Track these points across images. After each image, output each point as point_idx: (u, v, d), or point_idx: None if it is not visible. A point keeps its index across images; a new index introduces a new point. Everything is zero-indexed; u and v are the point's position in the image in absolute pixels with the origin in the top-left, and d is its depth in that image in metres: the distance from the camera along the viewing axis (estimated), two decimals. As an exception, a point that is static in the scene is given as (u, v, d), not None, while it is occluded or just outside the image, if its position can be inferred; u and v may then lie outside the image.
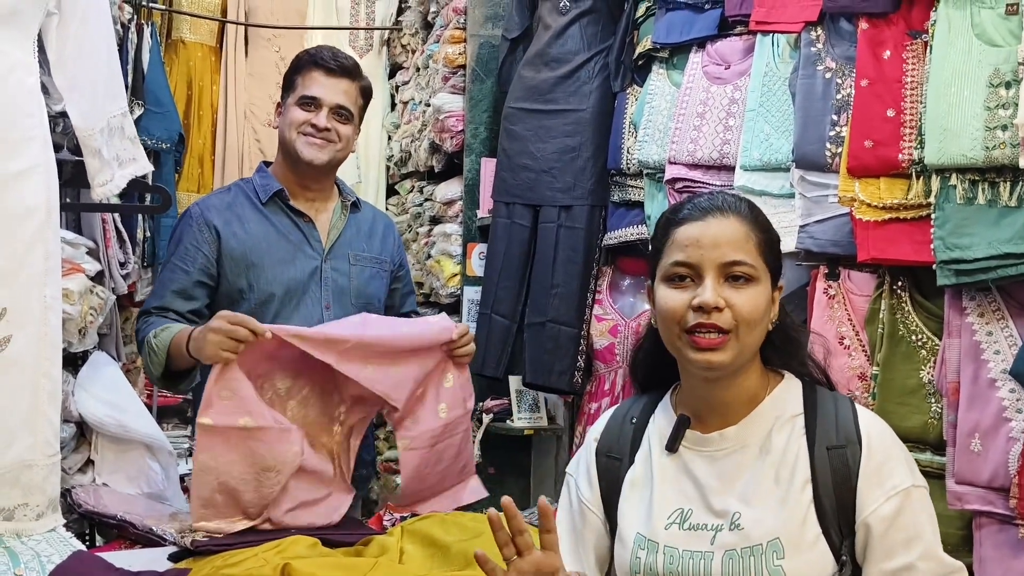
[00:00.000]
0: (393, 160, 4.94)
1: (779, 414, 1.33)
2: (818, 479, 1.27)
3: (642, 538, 1.33)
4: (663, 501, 1.33)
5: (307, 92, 2.30)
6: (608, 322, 3.08)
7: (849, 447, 1.28)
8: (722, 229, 1.30)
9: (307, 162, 2.29)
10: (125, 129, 2.17)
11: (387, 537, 1.91)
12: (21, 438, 1.83)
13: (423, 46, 4.51)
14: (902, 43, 2.08)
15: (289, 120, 2.31)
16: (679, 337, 1.29)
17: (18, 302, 1.82)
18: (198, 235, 2.25)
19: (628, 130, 2.96)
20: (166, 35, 4.87)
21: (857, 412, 1.32)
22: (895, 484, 1.26)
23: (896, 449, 1.30)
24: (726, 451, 1.33)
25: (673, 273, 1.31)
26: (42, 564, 1.72)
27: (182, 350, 2.05)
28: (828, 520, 1.26)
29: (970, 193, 1.87)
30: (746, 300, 1.27)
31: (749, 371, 1.33)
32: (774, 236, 1.35)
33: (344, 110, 2.33)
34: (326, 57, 2.34)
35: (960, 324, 1.91)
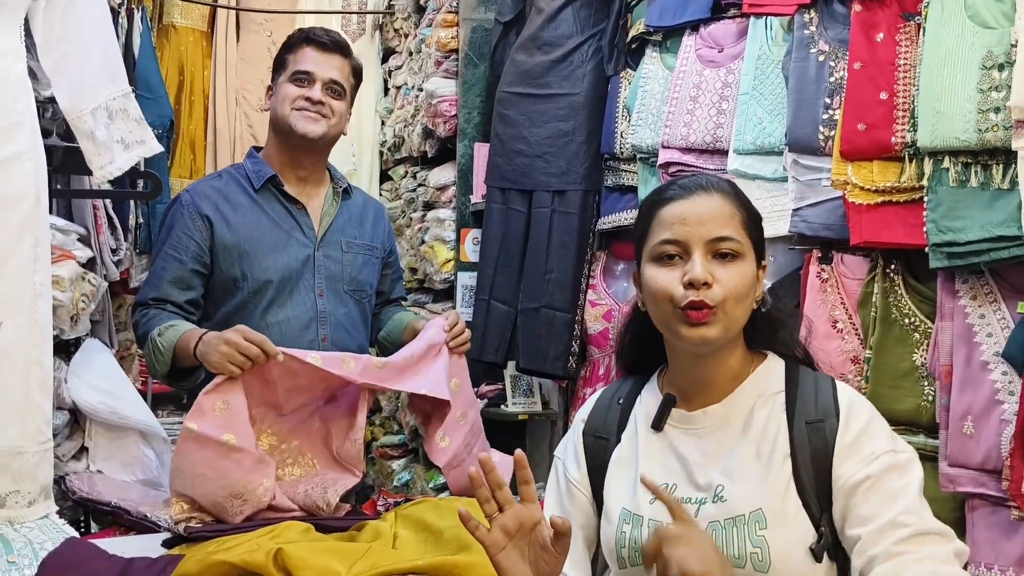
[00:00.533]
0: (386, 145, 4.92)
1: (761, 391, 1.35)
2: (797, 454, 1.28)
3: (627, 512, 1.35)
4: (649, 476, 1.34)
5: (300, 67, 2.30)
6: (602, 307, 3.07)
7: (827, 421, 1.29)
8: (708, 206, 1.32)
9: (301, 135, 2.27)
10: (129, 111, 2.15)
11: (380, 522, 1.91)
12: (11, 425, 1.84)
13: (416, 30, 4.48)
14: (895, 25, 2.07)
15: (282, 96, 2.29)
16: (672, 314, 1.30)
17: (7, 290, 1.82)
18: (190, 224, 2.24)
19: (621, 114, 2.95)
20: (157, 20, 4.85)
21: (837, 388, 1.34)
22: (873, 451, 1.26)
23: (875, 422, 1.31)
24: (710, 428, 1.35)
25: (661, 252, 1.32)
26: (35, 551, 1.72)
27: (189, 351, 2.04)
28: (807, 493, 1.27)
29: (963, 176, 1.86)
30: (733, 275, 1.29)
31: (733, 350, 1.35)
32: (756, 214, 1.37)
33: (337, 85, 2.32)
34: (318, 33, 2.34)
35: (953, 307, 1.91)
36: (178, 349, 2.09)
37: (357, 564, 1.62)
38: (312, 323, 2.26)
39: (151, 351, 2.13)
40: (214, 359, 1.93)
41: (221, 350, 1.92)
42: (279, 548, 1.62)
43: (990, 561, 1.82)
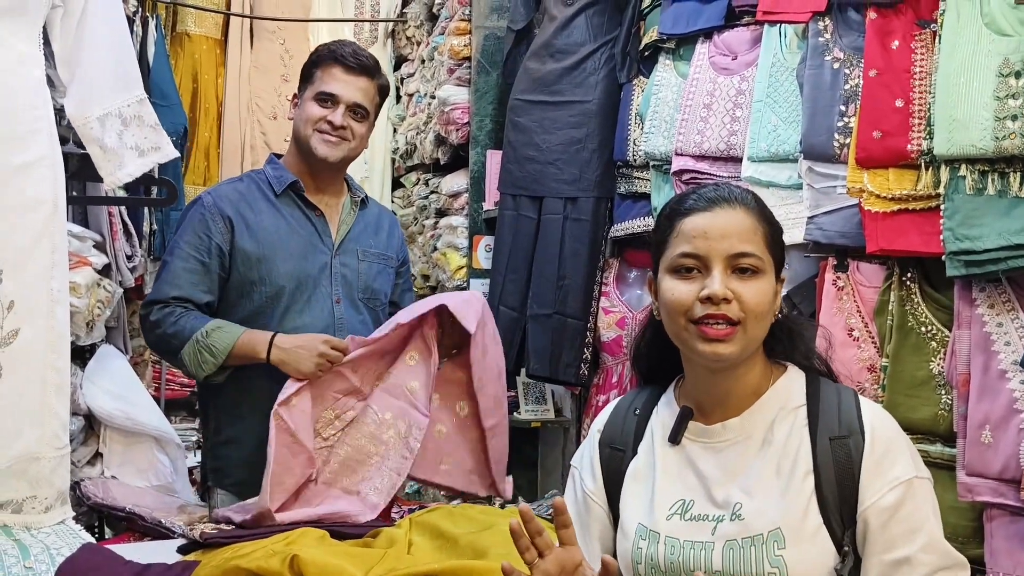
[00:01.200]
0: (398, 153, 4.93)
1: (782, 405, 1.33)
2: (820, 470, 1.26)
3: (644, 528, 1.33)
4: (665, 492, 1.34)
5: (325, 88, 2.29)
6: (615, 314, 3.07)
7: (852, 438, 1.27)
8: (730, 220, 1.29)
9: (321, 159, 2.29)
10: (144, 117, 2.16)
11: (395, 529, 1.91)
12: (28, 431, 1.84)
13: (428, 38, 4.50)
14: (911, 33, 2.06)
15: (306, 116, 2.30)
16: (686, 328, 1.29)
17: (25, 295, 1.83)
18: (211, 225, 2.24)
19: (634, 121, 2.94)
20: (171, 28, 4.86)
21: (860, 403, 1.32)
22: (897, 475, 1.25)
23: (899, 440, 1.29)
24: (728, 442, 1.32)
25: (680, 265, 1.30)
26: (51, 556, 1.73)
27: (253, 355, 2.15)
28: (830, 511, 1.25)
29: (980, 184, 1.85)
30: (753, 292, 1.27)
31: (752, 363, 1.33)
32: (778, 228, 1.35)
33: (361, 108, 2.32)
34: (346, 54, 2.32)
35: (970, 315, 1.90)
36: (236, 350, 2.16)
37: (373, 569, 1.62)
38: (329, 330, 2.26)
39: (197, 351, 2.15)
40: (306, 368, 2.10)
41: (315, 361, 2.11)
42: (294, 555, 1.62)
43: (1008, 571, 1.81)
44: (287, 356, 2.12)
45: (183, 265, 2.23)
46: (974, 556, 1.88)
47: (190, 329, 2.16)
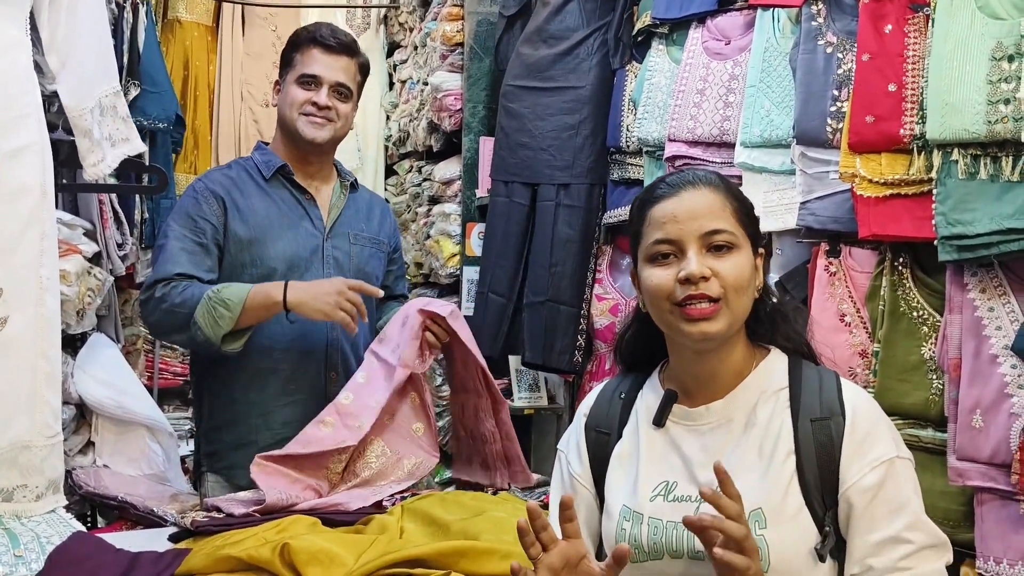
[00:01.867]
0: (391, 140, 4.91)
1: (764, 388, 1.34)
2: (801, 451, 1.28)
3: (628, 510, 1.34)
4: (649, 474, 1.35)
5: (307, 70, 2.30)
6: (608, 301, 3.07)
7: (833, 419, 1.29)
8: (697, 200, 1.31)
9: (308, 140, 2.29)
10: (118, 108, 2.15)
11: (387, 516, 1.91)
12: (18, 419, 1.84)
13: (420, 24, 4.48)
14: (904, 17, 2.06)
15: (290, 100, 2.30)
16: (671, 312, 1.30)
17: (14, 283, 1.82)
18: (206, 208, 2.24)
19: (627, 107, 2.93)
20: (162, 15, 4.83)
21: (841, 385, 1.33)
22: (878, 455, 1.26)
23: (880, 421, 1.30)
24: (712, 425, 1.34)
25: (655, 252, 1.32)
26: (41, 545, 1.72)
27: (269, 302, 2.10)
28: (811, 491, 1.26)
29: (972, 168, 1.85)
30: (731, 267, 1.29)
31: (736, 344, 1.34)
32: (748, 203, 1.36)
33: (344, 87, 2.32)
34: (325, 34, 2.32)
35: (962, 300, 1.90)
36: (251, 300, 2.11)
37: (364, 554, 1.61)
38: None
39: (211, 307, 2.10)
40: (325, 305, 2.07)
41: (334, 299, 2.07)
42: (285, 543, 1.62)
43: (999, 555, 1.81)
44: (305, 295, 2.09)
45: (180, 245, 2.21)
46: (965, 540, 1.89)
47: (199, 293, 2.12)
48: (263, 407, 2.25)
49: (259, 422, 2.26)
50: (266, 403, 2.26)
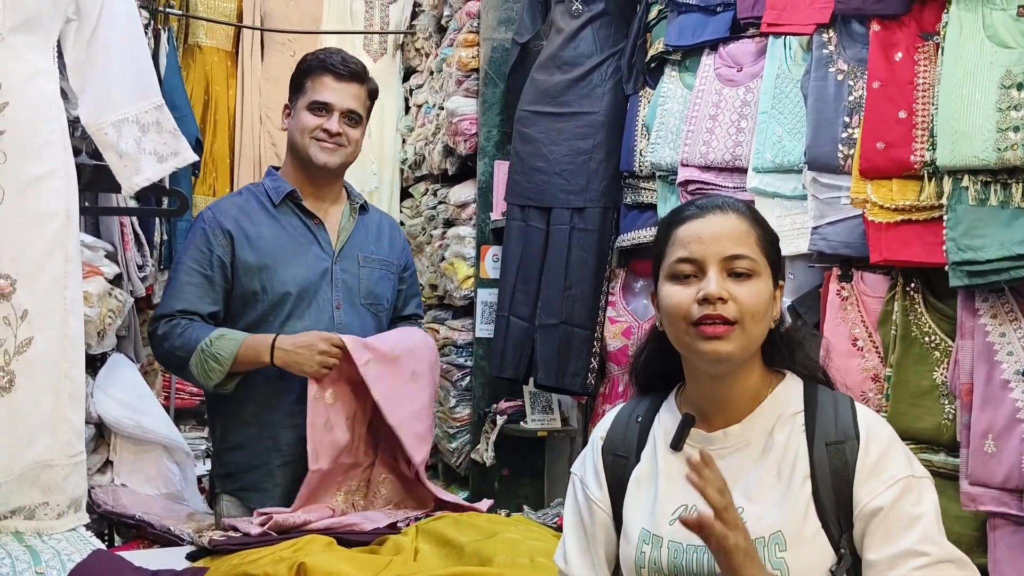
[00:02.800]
0: (407, 163, 4.96)
1: (781, 412, 1.35)
2: (817, 474, 1.28)
3: (647, 533, 1.35)
4: (668, 497, 1.35)
5: (318, 97, 2.34)
6: (621, 324, 3.08)
7: (847, 443, 1.30)
8: (723, 225, 1.33)
9: (320, 166, 2.34)
10: (162, 123, 2.18)
11: (402, 537, 1.93)
12: (41, 439, 1.86)
13: (437, 50, 4.53)
14: (914, 45, 2.08)
15: (301, 126, 2.35)
16: (686, 332, 1.31)
17: (39, 305, 1.85)
18: (212, 239, 2.28)
19: (640, 132, 2.96)
20: (183, 40, 4.91)
21: (856, 409, 1.34)
22: (893, 474, 1.27)
23: (895, 444, 1.31)
24: (730, 449, 1.35)
25: (677, 271, 1.33)
26: (62, 562, 1.75)
27: (258, 359, 2.21)
28: (827, 514, 1.27)
29: (982, 194, 1.86)
30: (749, 293, 1.30)
31: (752, 369, 1.35)
32: (773, 234, 1.38)
33: (354, 114, 2.37)
34: (336, 62, 2.37)
35: (973, 325, 1.91)
36: (241, 356, 2.20)
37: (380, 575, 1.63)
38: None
39: (203, 360, 2.20)
40: (309, 368, 2.18)
41: (316, 359, 2.18)
42: (301, 562, 1.64)
43: (1012, 580, 1.81)
44: (289, 357, 2.19)
45: (187, 279, 2.28)
46: (977, 565, 1.88)
47: (195, 340, 2.21)
48: (272, 430, 2.29)
49: (269, 444, 2.29)
50: (275, 425, 2.29)
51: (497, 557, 1.75)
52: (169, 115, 2.24)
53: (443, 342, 4.00)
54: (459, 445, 3.85)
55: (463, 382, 3.86)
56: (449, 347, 3.95)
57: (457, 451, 3.85)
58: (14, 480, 1.82)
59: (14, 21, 1.84)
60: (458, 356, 3.89)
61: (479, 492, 3.61)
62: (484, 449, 3.55)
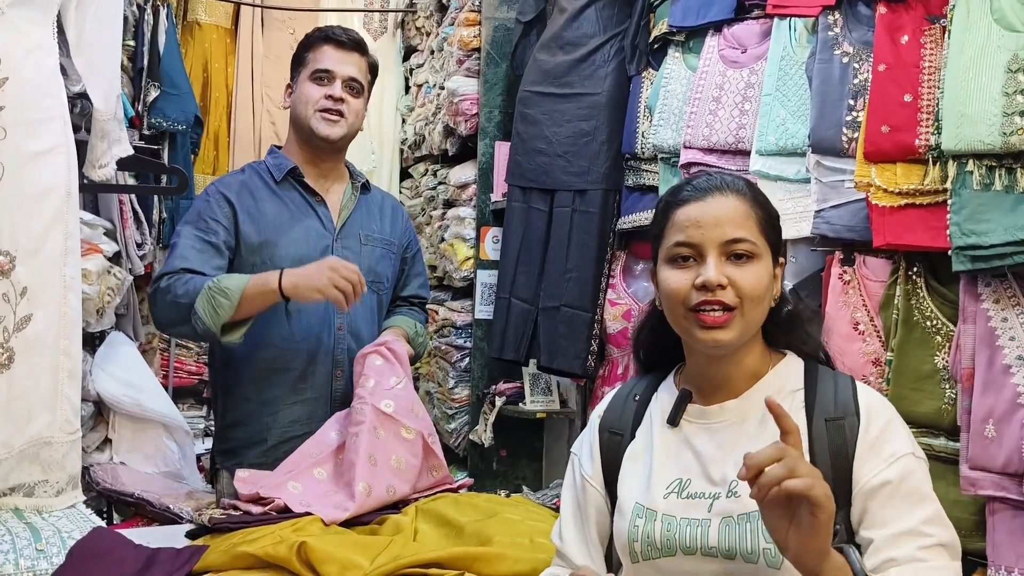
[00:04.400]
0: (407, 143, 4.94)
1: (779, 388, 1.35)
2: (815, 450, 1.28)
3: (640, 507, 1.34)
4: (662, 471, 1.36)
5: (320, 65, 2.36)
6: (622, 306, 3.08)
7: (847, 419, 1.29)
8: (722, 207, 1.32)
9: (323, 138, 2.34)
10: (117, 111, 2.19)
11: (401, 517, 1.93)
12: (40, 416, 1.86)
13: (438, 28, 4.50)
14: (920, 28, 2.06)
15: (304, 97, 2.35)
16: (684, 316, 1.31)
17: (38, 281, 1.84)
18: (217, 210, 2.28)
19: (643, 114, 2.95)
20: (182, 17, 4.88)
21: (857, 387, 1.34)
22: (893, 451, 1.27)
23: (895, 422, 1.31)
24: (726, 423, 1.35)
25: (675, 254, 1.33)
26: (63, 540, 1.75)
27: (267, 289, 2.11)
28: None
29: (987, 179, 1.85)
30: (748, 277, 1.29)
31: (751, 348, 1.35)
32: (773, 213, 1.37)
33: (356, 82, 2.38)
34: (337, 32, 2.41)
35: (975, 310, 1.91)
36: (249, 290, 2.12)
37: (379, 556, 1.63)
38: (330, 311, 2.31)
39: (210, 297, 2.11)
40: (320, 282, 2.07)
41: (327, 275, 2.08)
42: (303, 541, 1.64)
43: (1011, 564, 1.81)
44: (298, 278, 2.11)
45: (189, 243, 2.24)
46: (976, 550, 1.90)
47: (200, 284, 2.15)
48: (274, 406, 2.29)
49: (269, 420, 2.29)
50: (276, 401, 2.29)
51: (496, 537, 1.75)
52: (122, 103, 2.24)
53: (442, 323, 4.00)
54: (458, 426, 3.86)
55: (462, 363, 3.87)
56: (448, 328, 3.95)
57: (456, 432, 3.86)
58: (14, 457, 1.82)
59: (13, -5, 1.82)
60: (457, 337, 3.89)
61: (477, 472, 3.62)
62: (483, 430, 3.56)
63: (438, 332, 4.04)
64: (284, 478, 2.05)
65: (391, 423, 2.11)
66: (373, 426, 2.08)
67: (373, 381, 2.16)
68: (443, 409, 3.90)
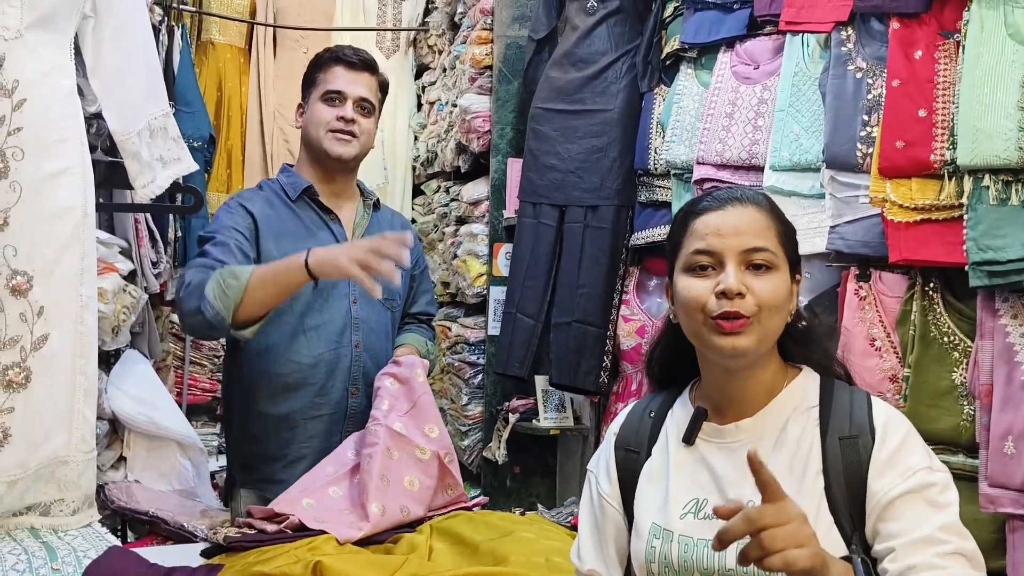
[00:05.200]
0: (419, 160, 4.96)
1: (796, 406, 1.33)
2: (829, 470, 1.27)
3: (657, 527, 1.33)
4: (679, 492, 1.34)
5: (331, 87, 2.37)
6: (635, 322, 3.07)
7: (861, 437, 1.27)
8: (742, 217, 1.31)
9: (335, 157, 2.35)
10: (168, 129, 2.19)
11: (416, 535, 1.92)
12: (57, 435, 1.87)
13: (450, 47, 4.52)
14: (934, 43, 2.06)
15: (316, 119, 2.36)
16: (703, 324, 1.29)
17: (55, 301, 1.85)
18: (240, 220, 2.29)
19: (655, 130, 2.95)
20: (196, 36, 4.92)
21: (872, 404, 1.32)
22: (911, 465, 1.24)
23: (911, 437, 1.28)
24: (742, 442, 1.32)
25: (694, 262, 1.32)
26: (78, 559, 1.75)
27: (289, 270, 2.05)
28: (839, 510, 1.25)
29: (1003, 194, 1.85)
30: (767, 286, 1.28)
31: (768, 363, 1.34)
32: (791, 228, 1.36)
33: (367, 103, 2.39)
34: (347, 53, 2.42)
35: (993, 326, 1.89)
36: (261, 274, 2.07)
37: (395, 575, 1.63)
38: (347, 328, 2.32)
39: (219, 282, 2.06)
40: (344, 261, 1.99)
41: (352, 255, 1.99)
42: (318, 561, 1.64)
43: (1032, 583, 1.80)
44: (323, 255, 2.04)
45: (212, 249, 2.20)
46: (996, 568, 1.87)
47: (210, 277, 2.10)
48: (291, 421, 2.29)
49: (288, 436, 2.29)
50: (294, 416, 2.29)
51: (512, 556, 1.74)
52: (174, 121, 2.25)
53: (455, 340, 4.00)
54: (471, 443, 3.85)
55: (475, 380, 3.86)
56: (461, 344, 3.95)
57: (469, 448, 3.85)
58: (30, 476, 1.82)
59: (31, 18, 1.84)
60: (470, 354, 3.89)
61: (491, 490, 3.61)
62: (496, 447, 3.55)
63: (451, 349, 4.03)
64: (299, 495, 2.05)
65: (405, 444, 2.11)
66: (387, 447, 2.08)
67: (387, 403, 2.16)
68: (456, 426, 3.90)
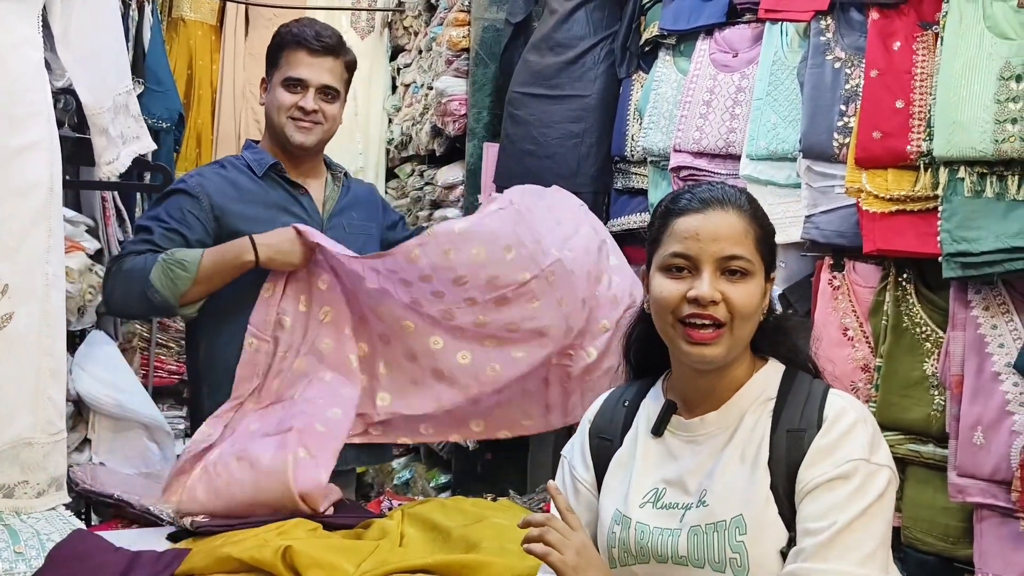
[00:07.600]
0: (393, 143, 4.92)
1: (755, 398, 1.36)
2: (774, 461, 1.29)
3: (619, 514, 1.37)
4: (642, 480, 1.38)
5: (293, 73, 2.30)
6: (609, 309, 3.06)
7: (808, 431, 1.29)
8: (721, 223, 1.32)
9: (297, 145, 2.31)
10: (130, 107, 2.16)
11: (387, 521, 1.91)
12: (21, 416, 1.83)
13: (426, 28, 4.49)
14: (912, 34, 2.07)
15: (277, 103, 2.32)
16: (673, 327, 1.32)
17: (20, 279, 1.82)
18: (196, 209, 2.22)
19: (633, 117, 2.94)
20: (167, 13, 4.85)
21: (828, 397, 1.32)
22: (845, 455, 1.25)
23: (858, 429, 1.28)
24: (706, 436, 1.36)
25: (670, 264, 1.33)
26: (41, 542, 1.72)
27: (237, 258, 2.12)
28: (781, 500, 1.28)
29: (978, 186, 1.86)
30: (741, 294, 1.30)
31: (738, 361, 1.36)
32: (770, 229, 1.38)
33: (330, 89, 2.33)
34: (309, 36, 2.32)
35: (965, 317, 1.91)
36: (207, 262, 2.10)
37: (365, 562, 1.62)
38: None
39: (166, 270, 2.08)
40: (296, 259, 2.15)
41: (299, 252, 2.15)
42: (288, 546, 1.62)
43: (998, 572, 1.81)
44: (275, 253, 2.14)
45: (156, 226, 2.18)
46: (964, 556, 1.90)
47: (154, 258, 2.11)
48: None
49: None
50: None
51: (484, 543, 1.73)
52: (136, 99, 2.22)
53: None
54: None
55: (447, 365, 3.84)
56: (433, 330, 3.92)
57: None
58: (-7, 458, 1.79)
59: (-3, -13, 1.79)
60: (442, 339, 3.86)
61: (462, 476, 3.60)
62: (467, 433, 3.53)
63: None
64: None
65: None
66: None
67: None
68: (427, 411, 3.87)
